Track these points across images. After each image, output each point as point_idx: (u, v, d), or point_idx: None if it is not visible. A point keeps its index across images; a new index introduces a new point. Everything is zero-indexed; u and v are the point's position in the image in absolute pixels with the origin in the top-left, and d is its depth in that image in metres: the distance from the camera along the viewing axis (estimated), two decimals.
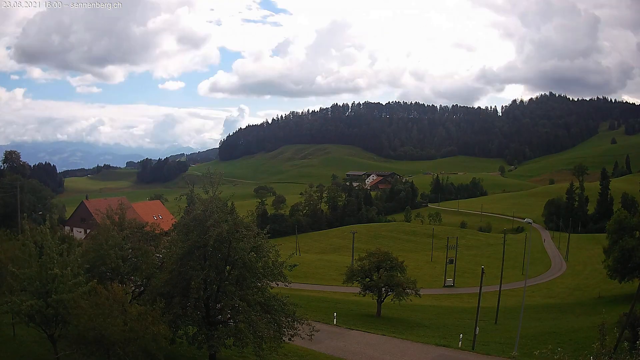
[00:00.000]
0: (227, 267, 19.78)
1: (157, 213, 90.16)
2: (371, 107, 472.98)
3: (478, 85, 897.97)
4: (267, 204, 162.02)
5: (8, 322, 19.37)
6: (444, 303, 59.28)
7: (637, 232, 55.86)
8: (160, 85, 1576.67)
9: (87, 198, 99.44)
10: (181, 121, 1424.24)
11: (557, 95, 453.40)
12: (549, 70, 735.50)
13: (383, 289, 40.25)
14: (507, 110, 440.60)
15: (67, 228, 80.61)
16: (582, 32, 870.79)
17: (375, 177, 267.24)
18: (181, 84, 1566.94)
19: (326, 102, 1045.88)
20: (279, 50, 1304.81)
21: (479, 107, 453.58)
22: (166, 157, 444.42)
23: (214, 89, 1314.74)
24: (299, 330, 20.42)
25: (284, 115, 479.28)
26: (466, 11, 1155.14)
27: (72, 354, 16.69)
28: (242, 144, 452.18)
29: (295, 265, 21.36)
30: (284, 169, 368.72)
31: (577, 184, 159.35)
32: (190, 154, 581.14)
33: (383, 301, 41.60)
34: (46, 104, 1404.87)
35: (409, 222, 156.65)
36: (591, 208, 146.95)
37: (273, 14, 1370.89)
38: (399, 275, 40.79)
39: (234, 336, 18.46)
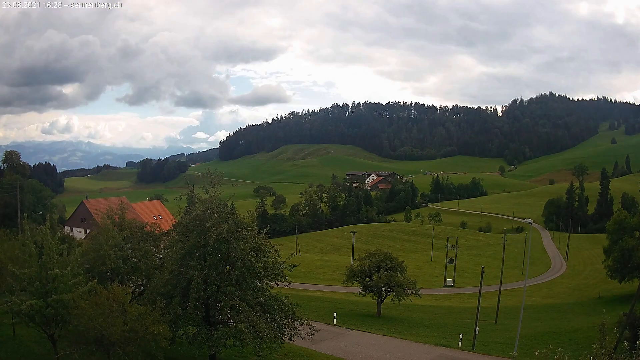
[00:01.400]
0: (227, 267, 19.77)
1: (157, 213, 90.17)
2: (371, 107, 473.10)
3: None
4: (267, 204, 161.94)
5: (8, 322, 19.40)
6: (444, 303, 59.23)
7: (637, 232, 55.89)
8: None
9: (87, 198, 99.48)
10: None
11: (557, 95, 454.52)
12: None
13: (383, 289, 40.17)
14: (507, 110, 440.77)
15: (67, 228, 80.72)
16: None
17: (375, 177, 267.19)
18: None
19: None
20: None
21: (479, 107, 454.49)
22: (166, 157, 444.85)
23: None
24: (299, 330, 20.40)
25: (284, 115, 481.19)
26: None
27: (72, 354, 16.64)
28: (242, 144, 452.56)
29: (295, 266, 21.32)
30: (284, 169, 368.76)
31: (577, 184, 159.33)
32: (190, 154, 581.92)
33: (383, 301, 41.55)
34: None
35: (409, 222, 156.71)
36: (591, 208, 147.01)
37: None
38: (399, 275, 40.67)
39: (234, 336, 18.41)
